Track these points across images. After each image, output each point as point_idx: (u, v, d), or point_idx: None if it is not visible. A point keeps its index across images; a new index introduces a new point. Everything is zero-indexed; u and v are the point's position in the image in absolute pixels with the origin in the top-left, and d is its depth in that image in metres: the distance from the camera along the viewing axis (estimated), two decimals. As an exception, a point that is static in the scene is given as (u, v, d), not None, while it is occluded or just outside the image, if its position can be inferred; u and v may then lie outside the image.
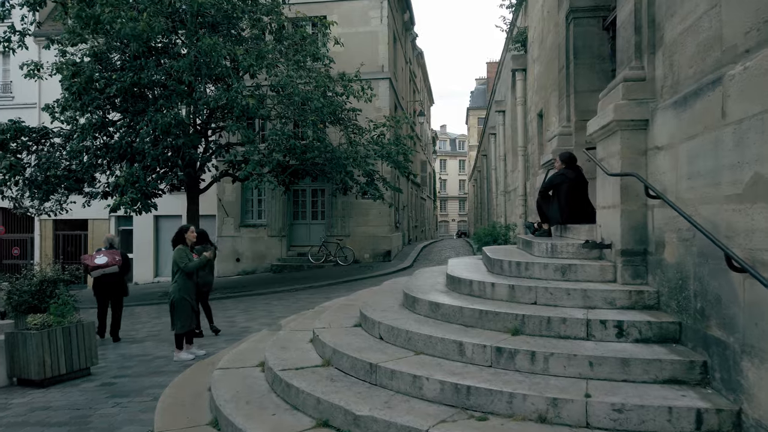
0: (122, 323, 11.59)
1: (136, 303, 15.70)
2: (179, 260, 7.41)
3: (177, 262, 7.43)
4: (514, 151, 14.95)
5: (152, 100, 13.81)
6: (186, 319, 7.40)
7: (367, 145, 17.58)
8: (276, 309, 12.13)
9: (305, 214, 22.44)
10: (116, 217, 22.78)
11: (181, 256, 7.42)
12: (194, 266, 7.47)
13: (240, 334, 9.16)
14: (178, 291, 7.42)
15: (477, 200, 42.03)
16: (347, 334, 5.03)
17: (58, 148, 15.12)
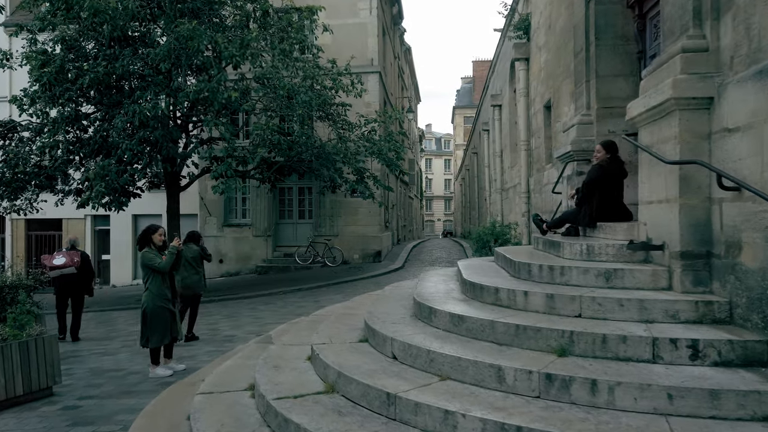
0: (96, 331, 10.71)
1: (112, 307, 14.76)
2: (149, 261, 6.52)
3: (147, 265, 6.54)
4: (513, 146, 14.30)
5: (128, 92, 12.88)
6: (163, 330, 6.56)
7: (357, 141, 16.81)
8: (263, 314, 11.31)
9: (292, 213, 21.59)
10: (92, 216, 21.74)
11: (150, 257, 6.54)
12: (167, 263, 6.54)
13: (223, 344, 8.35)
14: (151, 299, 6.54)
15: (465, 199, 41.45)
16: (353, 352, 4.27)
17: (27, 143, 14.11)
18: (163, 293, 6.60)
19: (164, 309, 6.58)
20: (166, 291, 6.65)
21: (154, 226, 7.00)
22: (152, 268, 6.51)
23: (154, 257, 6.57)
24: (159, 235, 6.81)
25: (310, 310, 11.68)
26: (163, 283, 6.60)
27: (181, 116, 14.38)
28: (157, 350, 6.61)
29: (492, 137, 19.12)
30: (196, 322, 9.19)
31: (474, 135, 30.00)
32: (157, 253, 6.65)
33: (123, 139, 12.41)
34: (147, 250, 6.67)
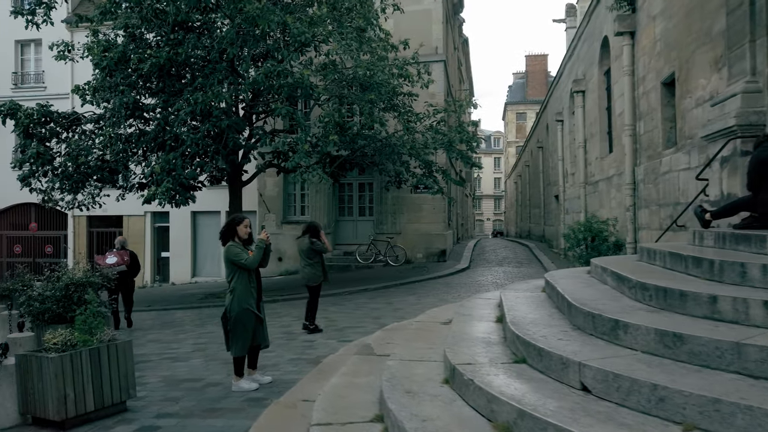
0: (162, 332, 10.07)
1: (175, 306, 14.23)
2: (234, 257, 5.66)
3: (232, 261, 5.68)
4: (602, 134, 12.96)
5: (190, 80, 12.26)
6: (246, 337, 5.71)
7: (426, 132, 15.79)
8: (337, 317, 10.42)
9: (352, 210, 20.76)
10: (152, 213, 21.52)
11: (235, 253, 5.68)
12: (255, 259, 5.70)
13: (305, 350, 7.47)
14: (236, 301, 5.66)
15: (522, 197, 39.82)
16: (515, 378, 3.25)
17: (90, 136, 13.73)
18: (249, 294, 5.73)
19: (249, 313, 5.70)
20: (252, 291, 5.78)
21: (239, 216, 6.14)
22: (238, 265, 5.66)
23: (241, 252, 5.71)
24: (245, 227, 5.93)
25: (386, 313, 10.76)
26: (249, 283, 5.75)
27: (244, 106, 13.70)
28: (241, 360, 5.76)
29: (568, 128, 17.74)
30: (315, 314, 9.08)
31: (538, 129, 28.47)
32: (243, 248, 5.80)
33: (187, 132, 11.79)
34: (232, 244, 5.79)
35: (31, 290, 7.40)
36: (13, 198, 21.85)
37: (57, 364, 4.78)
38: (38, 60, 22.21)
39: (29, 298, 7.35)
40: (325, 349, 7.48)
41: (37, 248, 22.49)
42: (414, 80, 14.54)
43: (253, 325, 5.73)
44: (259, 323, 5.83)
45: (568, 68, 17.68)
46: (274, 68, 11.28)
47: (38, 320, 7.39)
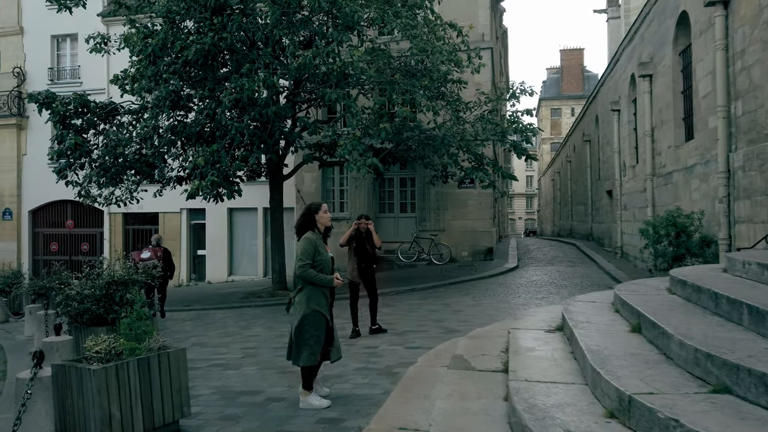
0: (207, 334, 9.35)
1: (215, 306, 13.58)
2: (303, 256, 4.80)
3: (303, 263, 4.80)
4: (677, 121, 11.81)
5: (235, 66, 11.55)
6: (318, 343, 4.81)
7: (476, 122, 14.83)
8: (392, 320, 9.54)
9: (393, 206, 19.90)
10: (188, 210, 21.02)
11: (306, 251, 4.81)
12: (318, 280, 4.80)
13: (369, 358, 6.60)
14: (306, 302, 4.80)
15: (562, 195, 38.42)
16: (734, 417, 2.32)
17: (128, 127, 13.16)
18: (321, 294, 4.87)
19: (320, 316, 4.83)
20: (325, 292, 4.92)
21: (316, 202, 5.22)
22: (308, 280, 4.82)
23: (311, 251, 4.81)
24: (324, 212, 5.05)
25: (446, 316, 9.80)
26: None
27: (287, 95, 12.95)
28: (310, 371, 4.87)
29: (627, 117, 16.55)
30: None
31: (583, 122, 27.16)
32: (320, 243, 4.94)
33: (232, 120, 11.08)
34: (308, 236, 4.92)
35: (69, 289, 6.72)
36: (50, 195, 21.63)
37: (100, 378, 4.01)
38: (74, 55, 21.95)
39: (67, 298, 6.69)
40: (392, 357, 6.63)
41: (73, 246, 22.23)
42: (464, 65, 13.60)
43: (324, 331, 4.87)
44: (330, 332, 4.96)
45: (627, 53, 16.48)
46: (323, 50, 10.48)
47: (76, 322, 6.72)
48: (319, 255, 4.82)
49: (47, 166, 21.00)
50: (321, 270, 4.80)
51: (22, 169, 22.37)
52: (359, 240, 8.20)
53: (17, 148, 22.26)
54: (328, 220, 5.04)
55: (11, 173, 22.25)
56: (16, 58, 22.08)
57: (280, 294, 14.19)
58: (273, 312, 11.91)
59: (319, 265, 4.81)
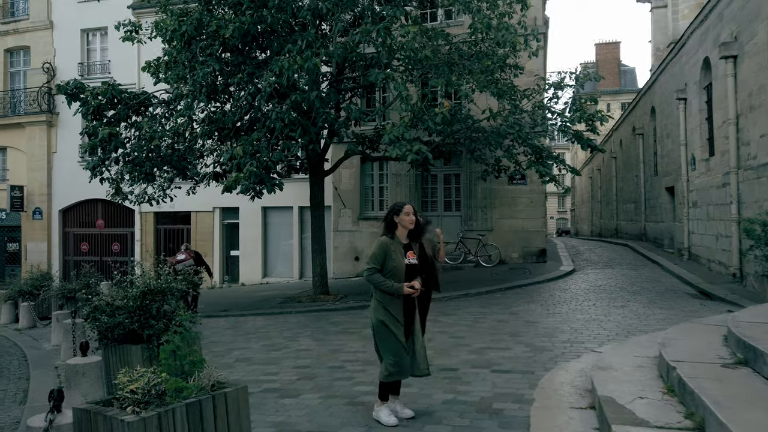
0: (250, 347, 8.27)
1: (253, 312, 12.57)
2: (371, 260, 4.50)
3: (367, 263, 4.55)
4: (776, 105, 10.36)
5: (276, 48, 10.52)
6: (396, 358, 4.40)
7: (535, 111, 13.56)
8: (457, 330, 8.37)
9: (436, 205, 18.70)
10: (221, 209, 20.17)
11: (375, 255, 4.47)
12: (384, 287, 4.41)
13: (457, 387, 5.43)
14: (373, 311, 4.50)
15: (605, 192, 36.68)
16: None
17: (160, 120, 12.24)
18: (389, 304, 4.42)
19: (383, 328, 4.42)
20: (394, 301, 4.43)
21: (398, 203, 4.70)
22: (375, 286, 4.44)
23: (380, 256, 4.43)
24: (406, 215, 4.52)
25: (521, 328, 8.40)
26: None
27: (330, 80, 11.86)
28: (386, 385, 4.51)
29: (697, 106, 15.05)
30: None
31: (634, 115, 25.53)
32: (397, 247, 4.48)
33: (272, 107, 10.03)
34: (384, 238, 4.40)
35: (98, 299, 5.71)
36: (80, 194, 21.02)
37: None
38: (104, 50, 21.28)
39: (95, 310, 5.66)
40: (482, 385, 5.46)
41: (104, 246, 21.58)
42: (521, 48, 12.35)
43: (395, 344, 4.42)
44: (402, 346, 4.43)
45: (697, 36, 14.98)
46: (373, 27, 9.35)
47: (106, 338, 5.69)
48: (391, 261, 4.43)
49: (78, 164, 20.42)
50: (391, 277, 4.41)
51: (52, 167, 21.81)
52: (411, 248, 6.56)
53: (47, 145, 21.70)
54: (409, 222, 4.56)
55: (41, 171, 21.70)
56: (46, 54, 21.52)
57: (322, 299, 13.15)
58: (317, 320, 10.84)
59: (389, 272, 4.42)
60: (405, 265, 4.45)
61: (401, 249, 4.50)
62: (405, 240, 4.57)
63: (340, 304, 12.57)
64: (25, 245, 22.09)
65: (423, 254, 6.26)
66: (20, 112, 21.94)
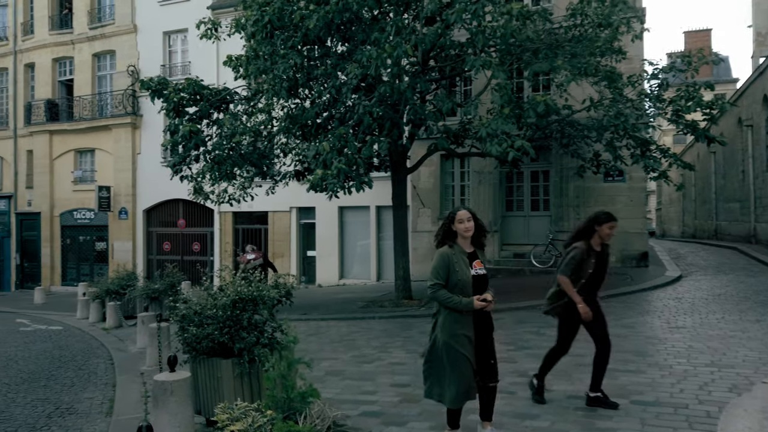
0: (338, 357, 7.61)
1: (335, 316, 12.01)
2: (433, 275, 4.16)
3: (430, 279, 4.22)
4: None
5: (362, 37, 9.88)
6: (460, 381, 4.01)
7: (640, 100, 12.25)
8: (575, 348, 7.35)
9: (522, 204, 17.55)
10: (297, 209, 19.92)
11: (436, 269, 4.14)
12: (451, 304, 4.02)
13: (592, 416, 4.50)
14: (439, 329, 4.11)
15: (698, 191, 33.95)
16: None
17: (240, 118, 11.94)
18: (457, 322, 4.03)
19: (450, 348, 4.01)
20: (464, 318, 4.03)
21: (453, 210, 4.28)
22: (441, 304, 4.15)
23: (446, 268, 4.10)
24: (460, 222, 4.12)
25: (642, 345, 7.15)
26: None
27: (416, 70, 11.10)
28: (455, 412, 4.19)
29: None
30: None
31: (739, 100, 23.16)
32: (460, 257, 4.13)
33: (358, 100, 9.39)
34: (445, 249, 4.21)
35: (185, 306, 5.19)
36: (163, 194, 21.43)
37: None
38: (185, 51, 21.57)
39: (183, 319, 5.15)
40: (629, 422, 4.54)
41: (185, 245, 21.90)
42: (623, 31, 11.14)
43: (464, 365, 4.01)
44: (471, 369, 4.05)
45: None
46: (470, 6, 8.50)
47: (194, 350, 5.17)
48: (455, 273, 4.05)
49: (160, 165, 20.80)
50: (458, 292, 4.02)
51: (136, 168, 22.37)
52: (600, 258, 5.00)
53: (132, 147, 22.28)
54: (464, 230, 4.13)
55: (127, 172, 22.31)
56: (130, 57, 22.09)
57: (406, 304, 12.42)
58: (404, 328, 10.11)
59: (454, 286, 4.05)
60: (471, 276, 4.06)
61: (465, 259, 4.09)
62: (468, 248, 4.17)
63: (425, 310, 11.78)
64: (112, 244, 22.80)
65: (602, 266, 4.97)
66: (107, 115, 22.66)
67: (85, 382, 7.31)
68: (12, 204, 25.32)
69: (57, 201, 24.00)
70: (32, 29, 24.67)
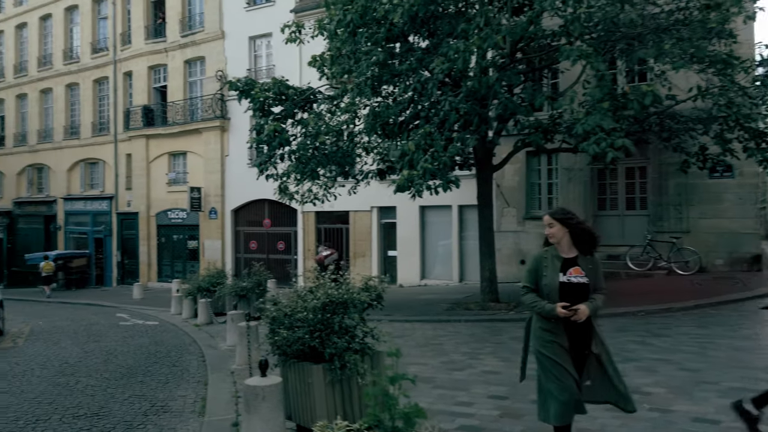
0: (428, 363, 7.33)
1: (419, 318, 11.75)
2: (523, 278, 4.10)
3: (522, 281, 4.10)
4: None
5: (448, 29, 9.51)
6: (560, 396, 3.64)
7: (755, 87, 11.06)
8: (679, 358, 6.63)
9: (616, 202, 16.47)
10: (378, 208, 19.83)
11: (526, 271, 4.07)
12: (535, 309, 3.88)
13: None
14: (532, 338, 3.97)
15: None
16: None
17: (324, 117, 11.92)
18: (546, 329, 3.81)
19: (543, 357, 3.78)
20: (555, 326, 3.77)
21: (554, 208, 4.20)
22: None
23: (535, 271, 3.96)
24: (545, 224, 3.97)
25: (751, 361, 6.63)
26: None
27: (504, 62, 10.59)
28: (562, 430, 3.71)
29: None
30: None
31: None
32: (552, 261, 3.89)
33: (444, 96, 9.03)
34: (539, 252, 4.08)
35: (276, 308, 5.08)
36: (249, 195, 22.08)
37: None
38: (269, 55, 22.09)
39: (273, 321, 5.04)
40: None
41: (270, 244, 22.44)
42: (735, 12, 10.03)
43: (561, 375, 3.67)
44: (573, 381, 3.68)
45: None
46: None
47: (284, 354, 5.05)
48: (543, 278, 3.88)
49: (247, 167, 21.45)
50: (546, 297, 3.82)
51: (224, 169, 23.18)
52: None
53: (220, 149, 23.12)
54: (548, 235, 4.00)
55: (216, 174, 23.17)
56: (219, 63, 22.91)
57: (493, 307, 11.93)
58: (493, 332, 9.67)
59: (542, 291, 3.87)
60: (559, 282, 3.80)
61: (558, 264, 3.85)
62: (567, 253, 3.88)
63: (514, 314, 11.24)
64: (203, 243, 23.78)
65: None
66: (197, 119, 23.65)
67: (179, 380, 7.46)
68: (113, 204, 27.07)
69: (153, 201, 25.38)
70: (129, 39, 26.23)
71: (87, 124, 28.02)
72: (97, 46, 27.73)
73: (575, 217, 4.00)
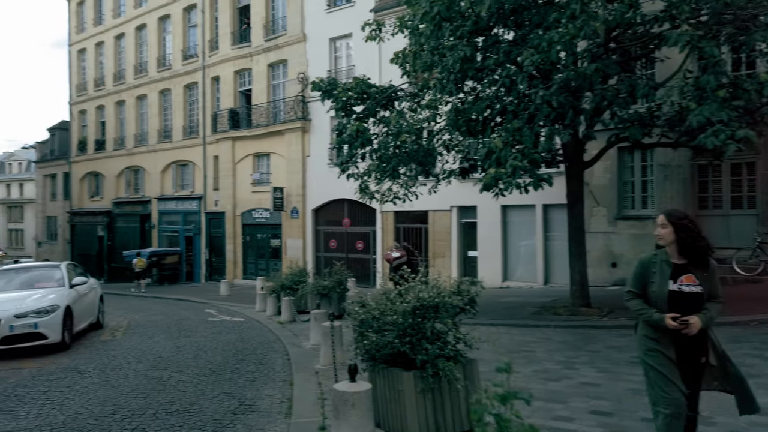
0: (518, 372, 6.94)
1: (504, 322, 11.27)
2: (628, 282, 3.76)
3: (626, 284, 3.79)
4: None
5: (537, 19, 9.01)
6: (666, 403, 3.38)
7: None
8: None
9: (719, 201, 15.15)
10: (458, 208, 19.42)
11: (632, 275, 3.70)
12: (642, 316, 3.62)
13: None
14: (637, 345, 3.67)
15: None
16: None
17: (404, 116, 11.71)
18: (652, 337, 3.54)
19: (647, 367, 3.54)
20: (660, 334, 3.50)
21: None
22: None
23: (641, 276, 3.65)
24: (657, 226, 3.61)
25: None
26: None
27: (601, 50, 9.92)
28: None
29: None
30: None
31: None
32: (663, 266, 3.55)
33: (534, 88, 8.55)
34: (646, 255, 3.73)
35: (364, 311, 4.90)
36: (329, 194, 22.33)
37: None
38: (349, 56, 22.23)
39: (361, 324, 4.86)
40: None
41: (349, 244, 22.59)
42: None
43: (667, 386, 3.41)
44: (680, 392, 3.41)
45: None
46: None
47: (373, 358, 4.86)
48: (650, 284, 3.59)
49: (327, 167, 21.72)
50: (654, 305, 3.55)
51: (306, 170, 23.59)
52: None
53: (302, 150, 23.54)
54: (657, 237, 3.67)
55: (298, 174, 23.63)
56: (300, 65, 23.33)
57: (584, 312, 11.25)
58: (587, 340, 9.06)
59: (650, 298, 3.59)
60: (668, 291, 3.50)
61: (668, 270, 3.54)
62: (678, 259, 3.55)
63: (608, 320, 10.55)
64: (285, 242, 24.34)
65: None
66: (280, 121, 24.23)
67: (265, 378, 7.50)
68: (202, 204, 28.33)
69: (238, 201, 26.31)
70: (217, 45, 27.33)
71: (178, 128, 29.52)
72: (187, 53, 29.14)
73: (690, 226, 3.56)
